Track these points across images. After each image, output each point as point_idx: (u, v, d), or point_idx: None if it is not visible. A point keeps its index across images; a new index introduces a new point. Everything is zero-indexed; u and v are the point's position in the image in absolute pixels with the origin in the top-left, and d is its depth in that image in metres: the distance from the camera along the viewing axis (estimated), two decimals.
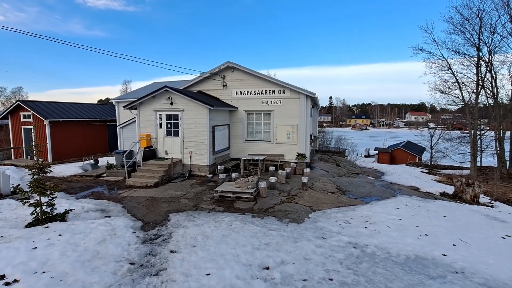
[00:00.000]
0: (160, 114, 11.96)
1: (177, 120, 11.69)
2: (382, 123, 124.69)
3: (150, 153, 11.69)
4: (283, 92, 13.13)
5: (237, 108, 13.59)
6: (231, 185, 8.46)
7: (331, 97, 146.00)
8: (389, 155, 30.17)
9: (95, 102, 58.19)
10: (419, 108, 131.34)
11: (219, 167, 10.95)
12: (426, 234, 5.80)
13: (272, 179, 9.57)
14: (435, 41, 26.33)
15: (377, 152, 32.67)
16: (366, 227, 6.07)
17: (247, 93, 13.53)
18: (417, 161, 28.62)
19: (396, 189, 10.89)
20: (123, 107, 12.68)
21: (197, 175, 11.53)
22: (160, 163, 10.98)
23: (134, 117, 12.90)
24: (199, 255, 4.31)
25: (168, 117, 11.85)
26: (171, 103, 11.61)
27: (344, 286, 3.47)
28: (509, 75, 21.96)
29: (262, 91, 13.37)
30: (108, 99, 66.51)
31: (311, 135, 15.29)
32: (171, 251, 4.59)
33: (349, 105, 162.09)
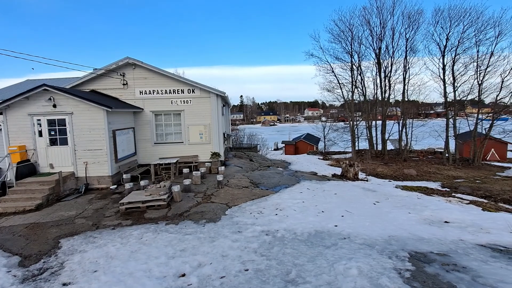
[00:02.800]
0: (39, 120, 9.71)
1: (64, 125, 9.76)
2: (287, 118, 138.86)
3: (27, 169, 9.37)
4: (193, 91, 12.83)
5: (143, 109, 12.45)
6: (140, 194, 7.72)
7: (242, 96, 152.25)
8: (294, 146, 33.98)
9: None
10: (314, 104, 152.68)
11: (124, 176, 9.80)
12: (322, 211, 6.86)
13: (187, 182, 9.28)
14: (321, 48, 31.26)
15: (284, 145, 36.23)
16: (276, 214, 6.68)
17: (153, 92, 12.55)
18: (315, 149, 33.33)
19: (299, 176, 12.39)
20: None
21: (97, 188, 9.99)
22: (43, 179, 8.95)
23: None
24: (101, 280, 3.77)
25: (51, 123, 9.75)
26: (54, 105, 9.59)
27: (258, 273, 3.74)
28: (371, 78, 28.18)
29: (170, 90, 12.68)
30: None
31: (224, 134, 15.55)
32: (64, 284, 3.84)
33: (258, 103, 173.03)
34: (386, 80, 27.00)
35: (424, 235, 5.17)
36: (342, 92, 27.98)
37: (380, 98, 27.58)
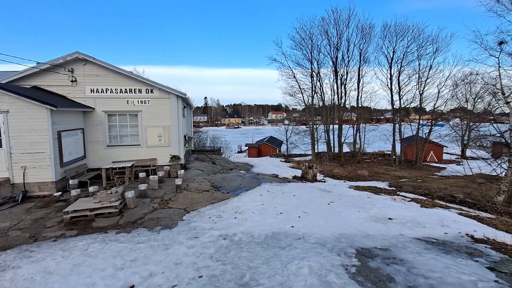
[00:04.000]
0: None
1: None
2: (251, 121, 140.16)
3: None
4: (152, 91, 12.27)
5: (94, 108, 11.53)
6: (88, 201, 7.11)
7: (206, 98, 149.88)
8: (257, 149, 34.38)
9: None
10: (278, 108, 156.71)
11: (71, 181, 8.94)
12: (281, 213, 7.05)
13: (142, 187, 8.80)
14: (284, 54, 32.14)
15: (247, 147, 36.46)
16: (235, 217, 6.67)
17: (106, 91, 11.70)
18: (277, 152, 34.15)
19: (261, 179, 12.58)
20: None
21: (39, 196, 8.96)
22: None
23: None
24: None
25: None
26: None
27: (212, 279, 3.69)
28: (329, 84, 29.84)
29: (126, 89, 11.95)
30: None
31: (185, 136, 15.13)
32: None
33: (223, 105, 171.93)
34: (342, 87, 28.87)
35: (370, 232, 5.61)
36: (303, 96, 29.22)
37: (337, 103, 29.37)
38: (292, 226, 5.92)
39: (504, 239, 5.41)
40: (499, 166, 12.66)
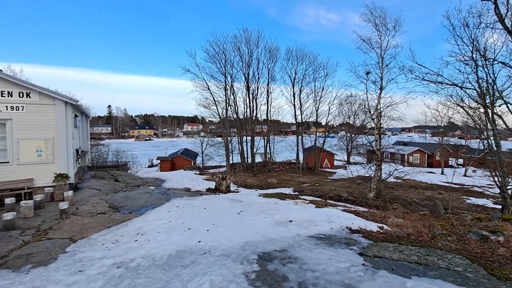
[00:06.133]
0: None
1: None
2: (165, 133, 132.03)
3: None
4: (28, 95, 10.01)
5: None
6: None
7: (110, 106, 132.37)
8: (170, 162, 32.48)
9: None
10: (194, 119, 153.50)
11: None
12: (189, 228, 6.77)
13: (8, 216, 6.90)
14: (198, 66, 32.20)
15: (159, 161, 33.97)
16: (136, 240, 6.01)
17: None
18: (192, 165, 33.17)
19: (171, 194, 11.87)
20: None
21: None
22: None
23: None
24: None
25: None
26: None
27: None
28: (242, 98, 31.42)
29: None
30: None
31: (77, 150, 12.90)
32: None
33: (132, 115, 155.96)
34: (254, 101, 30.92)
35: (273, 236, 6.04)
36: (217, 109, 29.67)
37: (249, 116, 31.12)
38: (199, 241, 5.77)
39: (371, 228, 6.77)
40: (370, 168, 16.00)
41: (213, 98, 29.38)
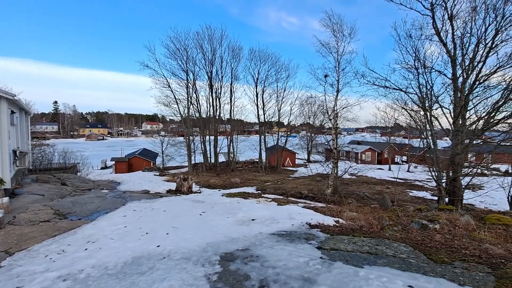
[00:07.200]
0: None
1: None
2: (121, 132, 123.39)
3: None
4: None
5: None
6: None
7: (56, 102, 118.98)
8: (127, 163, 30.48)
9: None
10: (153, 118, 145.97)
11: None
12: (147, 233, 6.43)
13: None
14: (157, 61, 30.57)
15: (114, 162, 31.65)
16: (86, 249, 5.51)
17: None
18: (152, 165, 31.55)
19: (127, 197, 11.14)
20: None
21: None
22: None
23: None
24: None
25: None
26: None
27: None
28: (205, 96, 30.83)
29: None
30: None
31: (15, 151, 11.44)
32: None
33: (83, 113, 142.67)
34: (217, 100, 30.51)
35: (235, 235, 6.03)
36: (178, 107, 28.62)
37: (212, 115, 30.65)
38: (158, 246, 5.50)
39: (329, 222, 7.16)
40: (328, 166, 16.92)
41: (174, 96, 28.28)
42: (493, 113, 10.53)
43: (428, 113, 12.15)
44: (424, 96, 12.19)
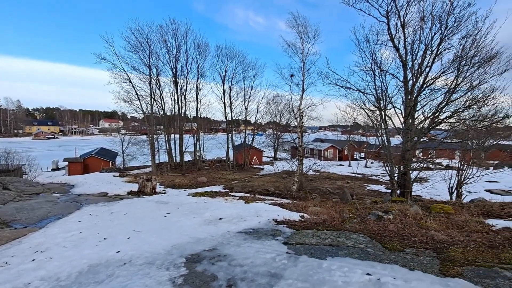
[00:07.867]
0: None
1: None
2: (75, 130, 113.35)
3: None
4: None
5: None
6: None
7: None
8: (82, 164, 28.11)
9: None
10: (112, 115, 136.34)
11: None
12: (105, 238, 6.00)
13: None
14: (116, 54, 28.37)
15: (67, 163, 28.96)
16: (34, 260, 4.97)
17: None
18: (110, 166, 29.51)
19: (82, 201, 10.29)
20: None
21: None
22: None
23: None
24: None
25: None
26: None
27: None
28: (170, 93, 29.62)
29: None
30: None
31: None
32: None
33: (29, 109, 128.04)
34: (183, 97, 29.58)
35: (202, 236, 5.92)
36: (141, 104, 27.15)
37: (178, 113, 29.61)
38: (118, 251, 5.17)
39: (294, 218, 7.38)
40: (293, 163, 17.43)
41: (136, 92, 26.70)
42: (437, 113, 11.78)
43: (383, 113, 13.16)
44: (380, 97, 13.17)
